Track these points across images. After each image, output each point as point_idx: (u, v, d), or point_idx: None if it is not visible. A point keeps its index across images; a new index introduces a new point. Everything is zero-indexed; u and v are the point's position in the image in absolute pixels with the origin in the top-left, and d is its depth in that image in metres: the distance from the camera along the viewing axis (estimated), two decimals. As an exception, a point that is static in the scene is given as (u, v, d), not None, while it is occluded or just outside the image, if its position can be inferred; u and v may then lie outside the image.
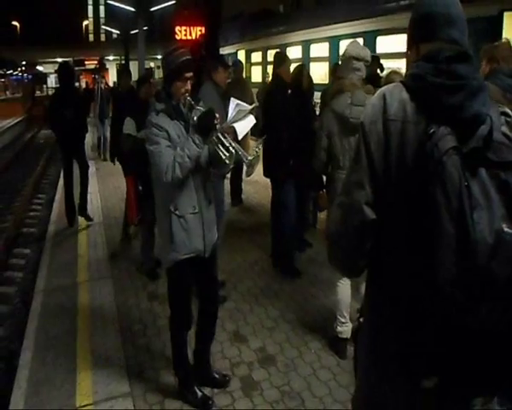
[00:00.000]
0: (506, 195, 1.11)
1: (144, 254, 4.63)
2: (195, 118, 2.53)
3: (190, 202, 2.60)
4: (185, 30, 14.39)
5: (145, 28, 17.74)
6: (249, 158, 2.49)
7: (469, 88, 1.20)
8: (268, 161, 4.52)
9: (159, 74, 30.50)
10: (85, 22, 54.97)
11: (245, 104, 2.57)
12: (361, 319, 1.48)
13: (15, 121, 22.30)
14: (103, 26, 49.26)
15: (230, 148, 2.47)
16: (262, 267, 4.78)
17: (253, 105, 2.66)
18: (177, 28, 14.38)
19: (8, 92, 63.91)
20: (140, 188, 4.39)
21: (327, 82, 8.73)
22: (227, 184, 4.25)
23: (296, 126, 4.36)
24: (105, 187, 8.17)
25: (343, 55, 3.25)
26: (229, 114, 2.51)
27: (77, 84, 6.72)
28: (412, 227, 1.19)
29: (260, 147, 2.62)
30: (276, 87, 4.53)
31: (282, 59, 4.61)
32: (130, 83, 6.67)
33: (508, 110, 1.26)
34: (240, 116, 2.52)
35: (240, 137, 2.47)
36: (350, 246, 1.32)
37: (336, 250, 1.39)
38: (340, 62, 3.33)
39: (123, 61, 21.68)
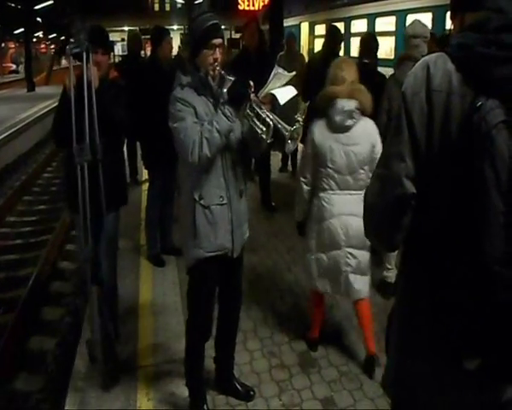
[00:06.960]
0: None
1: None
2: (225, 90, 2.16)
3: (218, 191, 2.26)
4: (248, 0, 14.24)
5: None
6: (290, 130, 2.09)
7: None
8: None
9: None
10: (151, -8, 55.70)
11: (286, 72, 2.20)
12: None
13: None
14: (168, -4, 49.69)
15: (268, 119, 2.10)
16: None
17: (293, 73, 2.22)
18: (240, -2, 14.24)
19: (76, 59, 66.84)
20: None
21: (392, 57, 8.43)
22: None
23: None
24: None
25: (405, 35, 3.59)
26: (268, 81, 2.16)
27: (142, 52, 6.73)
28: (455, 203, 1.14)
29: (302, 116, 2.34)
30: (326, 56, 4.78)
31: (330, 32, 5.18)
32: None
33: None
34: (278, 83, 2.14)
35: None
36: (387, 219, 1.28)
37: (373, 223, 1.35)
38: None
39: (186, 31, 21.78)
